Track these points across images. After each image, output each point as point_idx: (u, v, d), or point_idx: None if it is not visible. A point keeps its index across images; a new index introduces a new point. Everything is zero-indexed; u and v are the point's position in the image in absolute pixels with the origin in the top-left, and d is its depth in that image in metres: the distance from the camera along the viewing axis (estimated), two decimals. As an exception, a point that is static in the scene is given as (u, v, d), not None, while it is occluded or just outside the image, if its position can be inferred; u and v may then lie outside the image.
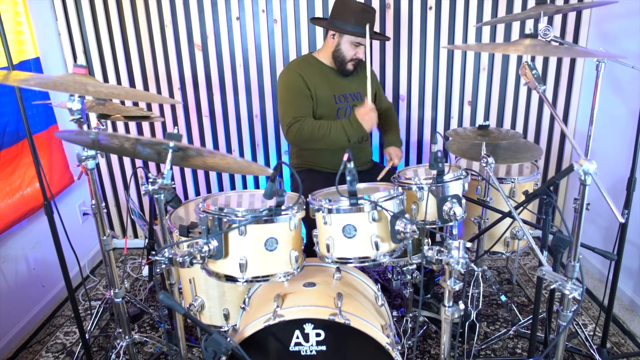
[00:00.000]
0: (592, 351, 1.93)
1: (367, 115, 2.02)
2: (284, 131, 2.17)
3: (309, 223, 1.51)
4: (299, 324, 1.37)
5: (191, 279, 1.68)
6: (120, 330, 1.79)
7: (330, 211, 1.39)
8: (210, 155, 1.39)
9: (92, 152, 1.47)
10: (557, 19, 2.70)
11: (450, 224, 1.41)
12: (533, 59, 2.78)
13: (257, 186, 3.12)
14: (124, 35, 2.76)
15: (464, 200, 1.51)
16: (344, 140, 2.05)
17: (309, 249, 1.63)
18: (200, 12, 2.70)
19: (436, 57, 2.79)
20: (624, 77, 2.36)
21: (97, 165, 1.88)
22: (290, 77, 2.19)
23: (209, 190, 3.10)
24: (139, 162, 3.04)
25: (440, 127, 2.93)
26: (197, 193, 3.11)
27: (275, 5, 2.69)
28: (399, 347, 1.44)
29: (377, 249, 1.39)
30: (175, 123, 2.92)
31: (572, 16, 2.69)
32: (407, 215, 1.38)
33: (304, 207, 1.41)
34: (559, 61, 2.80)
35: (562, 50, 1.54)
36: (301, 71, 2.18)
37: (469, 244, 1.28)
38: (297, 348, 1.39)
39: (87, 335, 2.04)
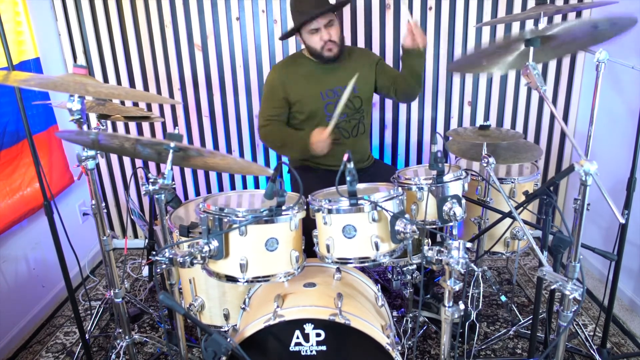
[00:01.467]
0: (592, 351, 1.93)
1: (320, 143, 2.00)
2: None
3: (309, 223, 1.51)
4: (299, 324, 1.37)
5: (191, 279, 1.68)
6: (120, 330, 1.79)
7: (330, 211, 1.39)
8: (211, 155, 1.39)
9: (92, 152, 1.47)
10: (557, 19, 2.70)
11: (450, 224, 1.41)
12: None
13: (257, 186, 3.12)
14: (124, 35, 2.76)
15: (464, 201, 1.51)
16: (299, 155, 2.25)
17: (308, 249, 1.63)
18: (200, 12, 2.70)
19: (436, 57, 2.79)
20: (624, 77, 2.36)
21: (97, 165, 1.87)
22: (270, 77, 2.26)
23: (209, 191, 3.10)
24: (139, 162, 3.04)
25: (440, 127, 2.93)
26: (197, 193, 3.11)
27: (275, 5, 2.69)
28: (399, 348, 1.44)
29: (377, 249, 1.38)
30: (175, 123, 2.92)
31: (572, 16, 2.69)
32: (407, 216, 1.38)
33: (305, 207, 1.41)
34: (559, 61, 2.80)
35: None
36: (285, 70, 2.23)
37: (469, 244, 1.28)
38: (297, 348, 1.39)
39: (87, 336, 2.04)
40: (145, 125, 2.95)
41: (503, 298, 2.24)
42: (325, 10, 2.10)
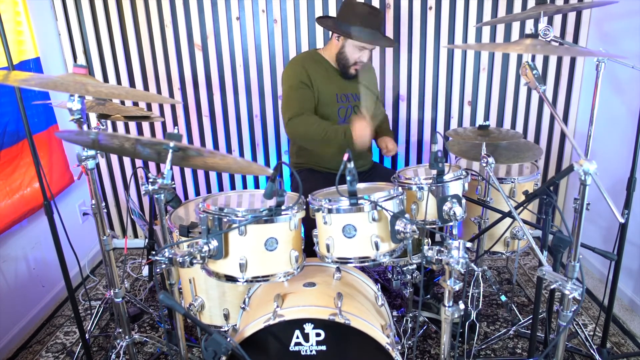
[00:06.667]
0: (592, 351, 1.92)
1: (362, 132, 1.90)
2: (284, 124, 2.17)
3: (309, 223, 1.51)
4: (299, 323, 1.37)
5: (191, 279, 1.68)
6: (120, 330, 1.79)
7: (330, 211, 1.39)
8: (210, 155, 1.39)
9: (92, 152, 1.47)
10: (557, 19, 2.70)
11: (450, 224, 1.41)
12: (533, 59, 2.78)
13: (257, 186, 3.12)
14: (124, 35, 2.76)
15: (464, 200, 1.51)
16: (336, 147, 1.99)
17: (308, 249, 1.63)
18: (200, 12, 2.70)
19: (436, 57, 2.79)
20: (624, 77, 2.36)
21: (97, 165, 1.88)
22: (295, 70, 2.19)
23: (209, 190, 3.10)
24: (139, 162, 3.04)
25: (440, 127, 2.93)
26: (197, 193, 3.11)
27: (275, 5, 2.69)
28: (399, 347, 1.44)
29: (377, 249, 1.39)
30: (175, 123, 2.92)
31: (572, 16, 2.69)
32: (407, 215, 1.38)
33: (304, 207, 1.41)
34: (559, 61, 2.80)
35: (563, 50, 1.54)
36: (306, 65, 2.18)
37: (469, 244, 1.28)
38: (297, 348, 1.39)
39: (87, 335, 2.04)
40: (145, 125, 2.95)
41: (503, 298, 2.24)
42: (390, 45, 2.31)
